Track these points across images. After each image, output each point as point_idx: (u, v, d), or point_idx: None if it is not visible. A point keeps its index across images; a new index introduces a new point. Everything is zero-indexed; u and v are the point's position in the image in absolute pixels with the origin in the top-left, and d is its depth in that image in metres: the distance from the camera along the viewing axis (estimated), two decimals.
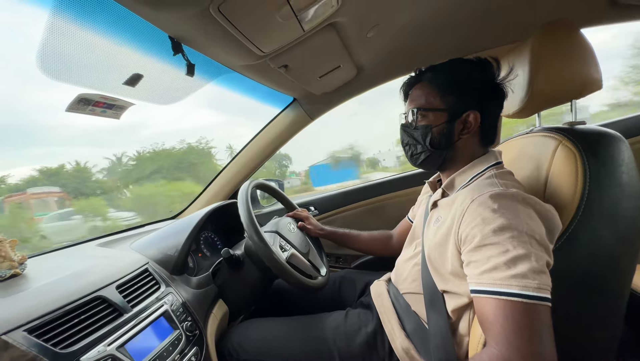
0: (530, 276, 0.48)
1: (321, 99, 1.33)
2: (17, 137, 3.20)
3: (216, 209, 1.10)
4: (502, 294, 0.49)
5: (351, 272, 1.13)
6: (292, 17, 0.69)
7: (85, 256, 0.92)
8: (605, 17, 1.12)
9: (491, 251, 0.52)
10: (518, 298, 0.48)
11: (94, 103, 0.72)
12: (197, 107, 25.75)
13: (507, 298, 0.49)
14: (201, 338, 0.77)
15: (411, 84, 0.77)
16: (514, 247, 0.50)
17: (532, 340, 0.47)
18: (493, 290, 0.51)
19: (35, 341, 0.52)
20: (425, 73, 0.74)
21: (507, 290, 0.49)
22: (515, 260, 0.50)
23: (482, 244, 0.54)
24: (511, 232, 0.51)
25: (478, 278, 0.53)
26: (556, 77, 0.69)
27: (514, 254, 0.50)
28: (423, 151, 0.73)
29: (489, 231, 0.53)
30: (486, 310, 0.51)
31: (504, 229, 0.52)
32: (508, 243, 0.51)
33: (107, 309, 0.65)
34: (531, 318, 0.48)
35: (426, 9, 0.95)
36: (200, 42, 0.73)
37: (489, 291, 0.51)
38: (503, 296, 0.49)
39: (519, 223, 0.52)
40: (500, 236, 0.52)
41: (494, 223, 0.53)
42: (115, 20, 0.62)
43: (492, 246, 0.52)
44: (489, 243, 0.53)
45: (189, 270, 1.01)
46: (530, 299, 0.48)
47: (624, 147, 0.63)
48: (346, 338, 0.79)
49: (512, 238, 0.51)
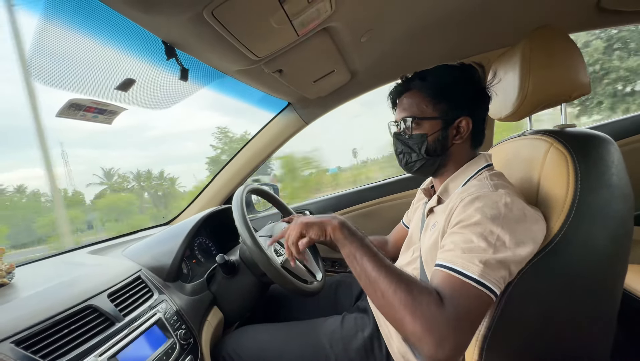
0: (475, 262, 0.52)
1: (315, 103, 1.33)
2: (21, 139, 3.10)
3: (211, 214, 1.09)
4: (447, 268, 0.54)
5: (347, 276, 1.12)
6: (286, 21, 0.69)
7: (76, 264, 0.90)
8: (593, 23, 1.15)
9: (456, 237, 0.57)
10: (457, 274, 0.53)
11: (85, 108, 0.71)
12: (199, 109, 25.49)
13: (450, 272, 0.54)
14: (195, 347, 0.75)
15: (400, 91, 0.77)
16: (477, 240, 0.54)
17: (458, 317, 0.50)
18: (442, 264, 0.56)
19: (23, 354, 0.50)
20: (413, 80, 0.74)
21: (451, 265, 0.54)
22: (472, 249, 0.54)
23: (453, 232, 0.59)
24: (482, 228, 0.55)
25: (439, 256, 0.58)
26: (546, 81, 0.70)
27: (473, 245, 0.54)
28: (418, 159, 0.73)
29: (463, 225, 0.57)
30: (433, 279, 0.57)
31: (477, 224, 0.56)
32: (474, 236, 0.55)
33: (98, 318, 0.64)
34: (465, 297, 0.51)
35: (419, 14, 0.96)
36: (193, 47, 0.72)
37: (439, 265, 0.56)
38: (447, 270, 0.54)
39: (494, 223, 0.55)
40: (470, 229, 0.56)
41: (471, 218, 0.57)
42: (108, 25, 0.62)
43: (459, 235, 0.57)
44: (459, 232, 0.57)
45: (183, 277, 0.99)
46: (468, 280, 0.52)
47: (614, 149, 0.65)
48: (343, 343, 0.78)
49: (480, 234, 0.54)
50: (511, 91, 0.75)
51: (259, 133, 1.41)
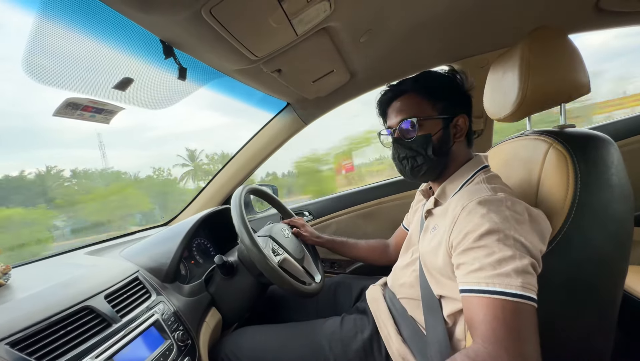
0: (513, 276, 0.50)
1: (314, 103, 1.33)
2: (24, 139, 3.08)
3: (209, 215, 1.09)
4: (486, 292, 0.51)
5: (347, 277, 1.12)
6: (285, 21, 0.69)
7: (73, 265, 0.89)
8: (592, 23, 1.16)
9: (478, 253, 0.54)
10: (501, 296, 0.49)
11: (82, 107, 0.70)
12: (199, 109, 25.58)
13: (491, 296, 0.50)
14: (193, 348, 0.75)
15: (391, 98, 0.76)
16: (500, 249, 0.52)
17: (518, 339, 0.48)
18: (477, 289, 0.52)
19: (18, 355, 0.49)
20: (404, 84, 0.75)
21: (490, 288, 0.50)
22: (500, 261, 0.51)
23: (469, 247, 0.55)
24: (497, 235, 0.53)
25: (464, 278, 0.55)
26: (546, 81, 0.70)
27: (499, 256, 0.52)
28: (425, 161, 0.72)
29: (476, 236, 0.55)
30: (471, 309, 0.53)
31: (491, 232, 0.54)
32: (494, 246, 0.53)
33: (95, 320, 0.63)
34: (515, 316, 0.49)
35: (418, 14, 0.96)
36: (192, 46, 0.72)
37: (474, 290, 0.53)
38: (487, 295, 0.51)
39: (506, 226, 0.53)
40: (487, 240, 0.54)
41: (481, 227, 0.55)
42: (105, 23, 0.61)
43: (479, 249, 0.54)
44: (476, 246, 0.55)
45: (181, 278, 0.99)
46: (514, 298, 0.49)
47: (613, 149, 0.64)
48: (342, 344, 0.77)
49: (498, 241, 0.53)
50: (510, 92, 0.74)
51: (258, 134, 1.41)
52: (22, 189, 4.00)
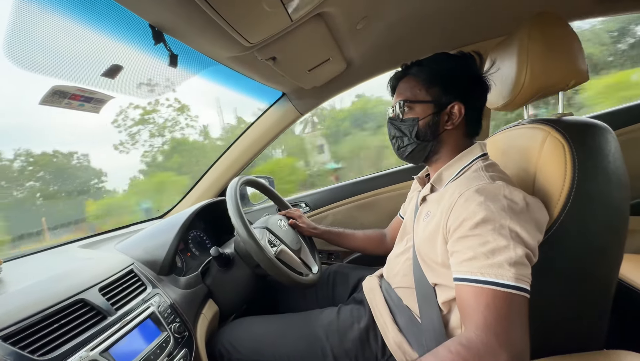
0: (506, 266, 0.50)
1: (310, 93, 1.31)
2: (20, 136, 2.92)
3: (205, 207, 1.08)
4: (478, 282, 0.52)
5: (344, 266, 1.12)
6: (279, 5, 0.66)
7: (67, 258, 0.88)
8: (591, 11, 1.14)
9: (472, 242, 0.54)
10: (493, 286, 0.50)
11: (70, 96, 0.68)
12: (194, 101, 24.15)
13: (483, 285, 0.51)
14: (190, 340, 0.75)
15: (398, 78, 0.77)
16: (494, 239, 0.52)
17: (508, 327, 0.49)
18: (471, 278, 0.53)
19: (11, 350, 0.49)
20: (411, 67, 0.75)
21: (483, 278, 0.51)
22: (494, 251, 0.52)
23: (464, 235, 0.56)
24: (493, 224, 0.53)
25: (458, 266, 0.56)
26: (545, 69, 0.69)
27: (493, 246, 0.52)
28: (409, 143, 0.74)
29: (472, 224, 0.55)
30: (464, 297, 0.53)
31: (486, 221, 0.54)
32: (489, 235, 0.53)
33: (89, 312, 0.62)
34: (507, 305, 0.49)
35: (414, 2, 0.94)
36: (183, 31, 0.69)
37: (467, 279, 0.53)
38: (479, 284, 0.51)
39: (502, 215, 0.54)
40: (482, 228, 0.54)
41: (477, 215, 0.55)
42: (92, 6, 0.59)
43: (474, 238, 0.54)
44: (471, 234, 0.55)
45: (177, 270, 0.98)
46: (506, 288, 0.49)
47: (611, 137, 0.64)
48: (339, 335, 0.78)
49: (493, 230, 0.53)
50: (508, 80, 0.73)
51: (254, 124, 1.39)
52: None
